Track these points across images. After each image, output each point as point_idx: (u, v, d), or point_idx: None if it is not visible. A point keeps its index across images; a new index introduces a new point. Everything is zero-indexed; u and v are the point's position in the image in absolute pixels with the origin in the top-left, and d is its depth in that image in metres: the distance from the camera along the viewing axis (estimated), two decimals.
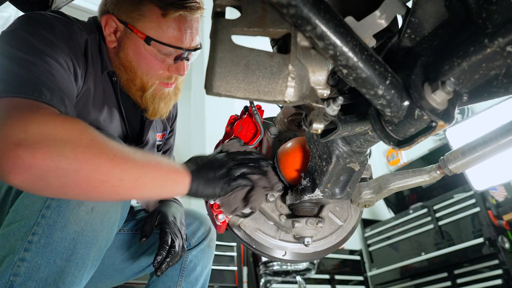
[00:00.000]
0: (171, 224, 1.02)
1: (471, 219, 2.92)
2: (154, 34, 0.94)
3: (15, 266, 0.68)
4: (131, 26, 0.95)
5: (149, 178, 0.70)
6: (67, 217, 0.71)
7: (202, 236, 1.19)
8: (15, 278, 0.67)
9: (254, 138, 0.83)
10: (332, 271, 3.37)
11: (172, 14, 0.94)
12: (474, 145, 0.67)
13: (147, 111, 1.05)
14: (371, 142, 0.61)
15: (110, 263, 1.10)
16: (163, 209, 1.06)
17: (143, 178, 0.69)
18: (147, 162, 0.71)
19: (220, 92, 0.46)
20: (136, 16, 0.95)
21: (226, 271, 2.67)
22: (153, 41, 0.94)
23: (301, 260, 0.81)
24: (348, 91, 0.58)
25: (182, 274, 1.12)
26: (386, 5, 0.50)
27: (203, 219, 1.22)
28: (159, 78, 1.00)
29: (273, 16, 0.49)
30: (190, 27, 0.98)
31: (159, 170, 0.72)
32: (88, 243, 0.73)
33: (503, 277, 2.64)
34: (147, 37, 0.93)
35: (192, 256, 1.15)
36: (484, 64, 0.43)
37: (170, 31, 0.95)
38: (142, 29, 0.94)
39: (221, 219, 0.77)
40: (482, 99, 0.48)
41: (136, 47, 0.96)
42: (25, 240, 0.69)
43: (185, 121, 4.31)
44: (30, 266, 0.68)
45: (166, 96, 1.05)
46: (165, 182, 0.73)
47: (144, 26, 0.94)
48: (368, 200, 0.77)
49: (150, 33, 0.94)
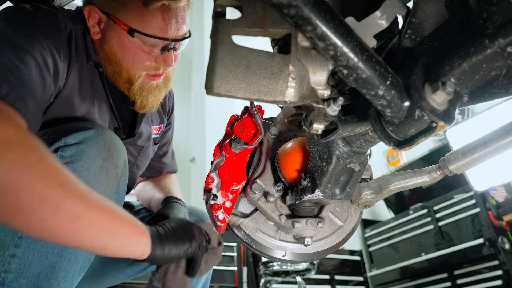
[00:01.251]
0: None
1: (471, 220, 2.92)
2: (137, 26, 0.90)
3: (5, 263, 0.66)
4: (114, 17, 0.91)
5: (93, 222, 0.59)
6: None
7: None
8: (7, 275, 0.66)
9: (254, 138, 0.83)
10: (332, 272, 3.37)
11: (155, 3, 0.89)
12: (474, 145, 0.67)
13: (135, 104, 1.02)
14: (371, 143, 0.61)
15: (111, 262, 1.10)
16: (166, 212, 1.03)
17: (85, 221, 0.58)
18: (99, 205, 0.60)
19: (221, 92, 0.46)
20: (118, 6, 0.91)
21: (226, 271, 2.67)
22: (137, 33, 0.90)
23: (301, 260, 0.81)
24: (349, 91, 0.58)
25: None
26: (386, 6, 0.50)
27: (204, 217, 1.22)
28: (146, 70, 0.97)
29: (273, 17, 0.49)
30: (175, 16, 0.93)
31: (111, 217, 0.62)
32: None
33: (503, 277, 2.64)
34: (130, 29, 0.90)
35: None
36: (485, 65, 0.43)
37: (153, 22, 0.90)
38: (124, 20, 0.90)
39: (221, 219, 0.77)
40: (482, 100, 0.48)
41: (120, 39, 0.93)
42: (15, 236, 0.68)
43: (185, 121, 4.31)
44: (21, 262, 0.67)
45: (154, 89, 1.01)
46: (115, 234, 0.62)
47: (126, 16, 0.90)
48: (368, 200, 0.77)
49: (133, 25, 0.90)
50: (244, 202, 0.80)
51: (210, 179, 0.78)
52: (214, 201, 0.77)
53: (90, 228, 0.59)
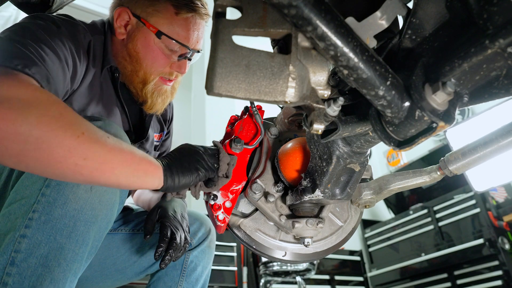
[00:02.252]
0: (170, 217, 1.03)
1: (471, 220, 2.91)
2: (166, 30, 1.01)
3: (16, 243, 0.68)
4: (144, 20, 1.02)
5: (117, 163, 0.68)
6: (67, 195, 0.72)
7: (203, 237, 1.19)
8: (16, 255, 0.68)
9: (254, 138, 0.83)
10: (332, 272, 3.37)
11: (185, 14, 1.02)
12: (474, 146, 0.67)
13: (145, 104, 1.09)
14: (371, 143, 0.61)
15: (111, 263, 1.10)
16: (163, 204, 1.07)
17: (111, 162, 0.67)
18: (118, 147, 0.69)
19: (221, 92, 0.46)
20: (151, 11, 1.02)
21: (226, 271, 2.67)
22: (164, 36, 1.01)
23: (301, 260, 0.81)
24: (349, 91, 0.58)
25: (183, 274, 1.12)
26: (387, 6, 0.50)
27: (204, 220, 1.23)
28: (161, 73, 1.06)
29: (274, 17, 0.49)
30: (198, 29, 1.06)
31: (131, 157, 0.70)
32: (88, 221, 0.74)
33: (503, 278, 2.64)
34: (159, 31, 1.01)
35: (193, 257, 1.15)
36: (485, 65, 0.43)
37: (180, 29, 1.02)
38: (154, 24, 1.01)
39: (221, 219, 0.77)
40: (482, 100, 0.48)
41: (145, 39, 1.02)
42: (25, 217, 0.70)
43: (185, 121, 4.31)
44: (31, 242, 0.69)
45: (164, 93, 1.10)
46: (136, 171, 0.71)
47: (157, 21, 1.01)
48: (368, 200, 0.77)
49: (162, 28, 1.01)
50: (244, 202, 0.80)
51: None
52: (214, 201, 0.77)
53: (116, 169, 0.68)
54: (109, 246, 1.10)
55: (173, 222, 1.01)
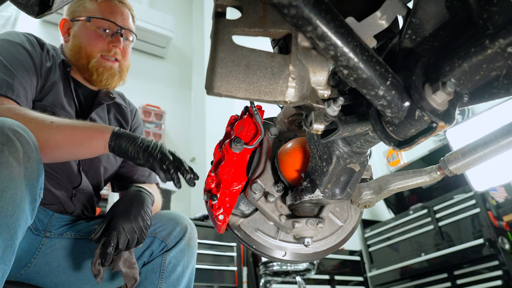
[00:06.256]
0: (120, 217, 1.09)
1: (471, 220, 2.92)
2: (92, 14, 1.31)
3: None
4: (77, 17, 1.33)
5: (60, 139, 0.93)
6: None
7: (179, 236, 1.18)
8: None
9: (254, 138, 0.83)
10: (332, 272, 3.38)
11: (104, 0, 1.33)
12: (474, 146, 0.67)
13: (93, 80, 1.32)
14: (371, 143, 0.61)
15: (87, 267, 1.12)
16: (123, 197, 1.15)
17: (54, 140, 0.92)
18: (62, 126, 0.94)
19: (221, 92, 0.46)
20: (80, 9, 1.33)
21: (226, 271, 2.67)
22: (92, 18, 1.30)
23: (301, 260, 0.81)
24: (349, 91, 0.58)
25: (162, 276, 1.12)
26: (387, 6, 0.50)
27: (179, 218, 1.22)
28: (101, 51, 1.31)
29: (274, 17, 0.49)
30: (120, 10, 1.36)
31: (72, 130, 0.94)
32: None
33: (503, 278, 2.64)
34: (87, 17, 1.31)
35: (171, 257, 1.14)
36: (485, 65, 0.43)
37: (104, 10, 1.32)
38: (83, 14, 1.32)
39: (221, 220, 0.77)
40: (482, 100, 0.48)
41: (81, 29, 1.32)
42: None
43: (185, 121, 4.31)
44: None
45: (109, 69, 1.32)
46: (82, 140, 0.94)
47: (85, 12, 1.32)
48: (368, 200, 0.77)
49: (89, 14, 1.31)
50: (244, 202, 0.80)
51: (210, 179, 0.79)
52: (214, 201, 0.77)
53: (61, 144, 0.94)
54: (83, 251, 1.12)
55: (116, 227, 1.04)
